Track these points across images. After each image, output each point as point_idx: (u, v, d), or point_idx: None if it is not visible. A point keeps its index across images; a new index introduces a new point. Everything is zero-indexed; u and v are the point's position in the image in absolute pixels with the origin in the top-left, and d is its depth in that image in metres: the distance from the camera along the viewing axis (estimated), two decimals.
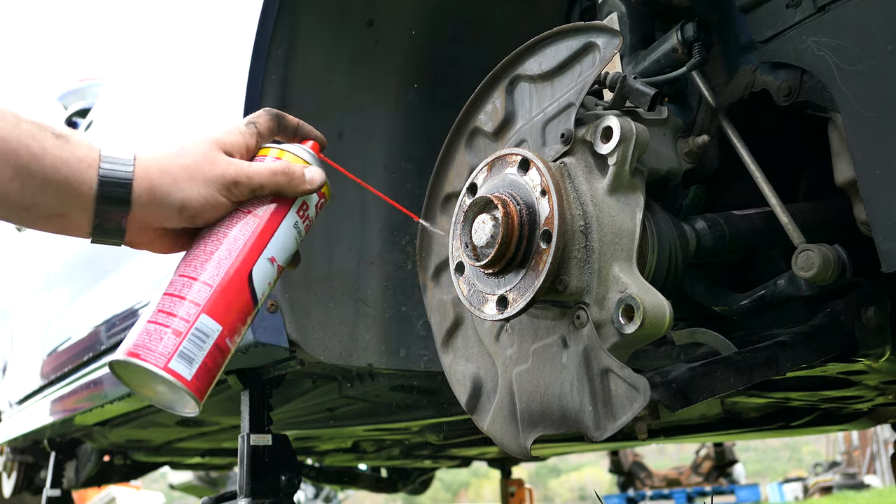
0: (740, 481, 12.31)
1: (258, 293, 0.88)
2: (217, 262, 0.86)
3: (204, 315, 0.83)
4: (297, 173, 0.91)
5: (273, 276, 0.90)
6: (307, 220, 0.95)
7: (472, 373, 1.09)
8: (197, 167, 0.86)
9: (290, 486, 1.64)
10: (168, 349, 0.81)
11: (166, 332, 0.82)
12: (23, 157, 0.79)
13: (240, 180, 0.88)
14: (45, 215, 0.83)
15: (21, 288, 3.40)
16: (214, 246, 0.87)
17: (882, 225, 0.83)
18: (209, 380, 0.84)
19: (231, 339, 0.86)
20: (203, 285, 0.85)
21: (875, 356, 1.08)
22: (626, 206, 0.91)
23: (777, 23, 0.95)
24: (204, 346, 0.83)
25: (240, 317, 0.87)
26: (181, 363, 0.81)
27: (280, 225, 0.91)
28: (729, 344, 1.03)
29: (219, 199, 0.87)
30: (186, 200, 0.85)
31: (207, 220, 0.88)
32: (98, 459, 3.53)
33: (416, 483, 4.61)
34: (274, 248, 0.90)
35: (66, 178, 0.81)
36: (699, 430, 2.42)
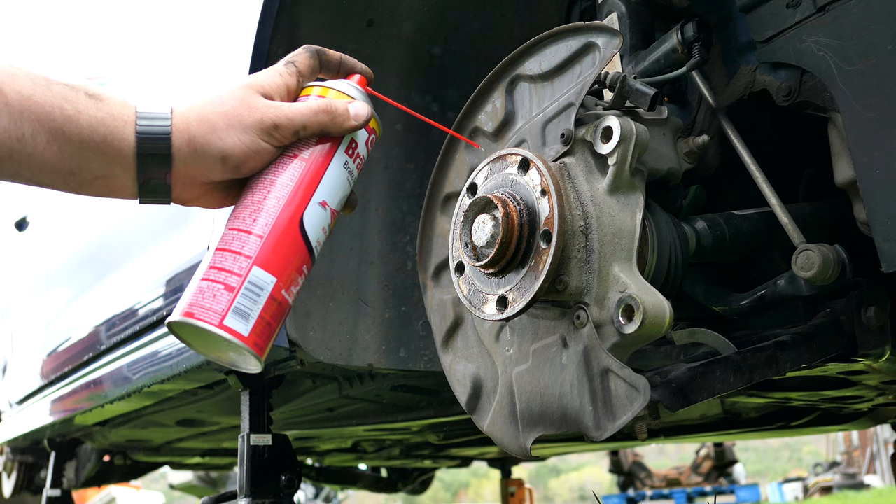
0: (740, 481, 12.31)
1: (312, 240, 0.85)
2: (266, 212, 0.83)
3: (256, 268, 0.80)
4: (341, 109, 0.87)
5: (328, 221, 0.86)
6: (358, 159, 0.90)
7: (472, 373, 1.09)
8: (235, 114, 0.83)
9: (290, 486, 1.65)
10: (222, 306, 0.78)
11: (219, 287, 0.79)
12: (57, 120, 0.77)
13: (280, 123, 0.84)
14: (89, 179, 0.81)
15: (21, 287, 3.40)
16: (262, 195, 0.84)
17: (882, 225, 0.83)
18: (269, 333, 0.81)
19: (288, 291, 0.82)
20: (253, 237, 0.81)
21: (875, 356, 1.08)
22: (626, 206, 0.91)
23: (777, 23, 0.95)
24: (259, 299, 0.80)
25: (294, 266, 0.83)
26: (237, 319, 0.78)
27: (329, 166, 0.87)
28: (729, 344, 1.03)
29: (261, 144, 0.83)
30: (227, 149, 0.82)
31: (253, 168, 0.85)
32: (98, 459, 3.53)
33: (416, 483, 4.61)
34: (325, 191, 0.86)
35: (104, 138, 0.79)
36: (699, 430, 2.42)
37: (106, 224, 2.40)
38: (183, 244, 1.74)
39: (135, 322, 2.00)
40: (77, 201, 2.77)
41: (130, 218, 2.16)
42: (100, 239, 2.46)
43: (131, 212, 2.15)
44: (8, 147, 0.76)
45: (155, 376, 1.84)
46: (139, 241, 2.05)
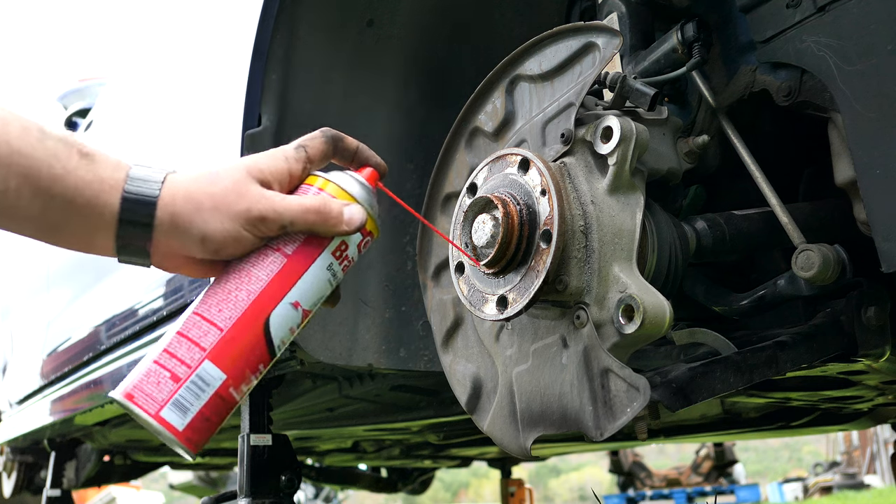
0: (740, 481, 12.31)
1: (275, 341, 0.81)
2: (233, 304, 0.79)
3: (208, 361, 0.77)
4: (335, 212, 0.82)
5: (297, 321, 0.82)
6: (345, 261, 0.85)
7: (472, 373, 1.09)
8: (224, 198, 0.80)
9: (290, 486, 1.64)
10: (163, 396, 0.76)
11: (165, 375, 0.77)
12: (44, 179, 0.76)
13: (267, 216, 0.80)
14: (70, 237, 0.80)
15: (21, 287, 3.40)
16: (235, 285, 0.80)
17: (882, 225, 0.83)
18: (206, 429, 0.78)
19: (237, 389, 0.79)
20: (212, 327, 0.78)
21: (875, 356, 1.08)
22: (626, 206, 0.91)
23: (777, 23, 0.95)
24: (203, 395, 0.77)
25: (249, 365, 0.79)
26: (174, 412, 0.76)
27: (310, 267, 0.82)
28: (729, 344, 1.03)
29: (242, 234, 0.80)
30: (208, 233, 0.79)
31: (232, 254, 0.81)
32: (98, 459, 3.53)
33: (416, 483, 4.61)
34: (300, 292, 0.81)
35: (87, 201, 0.78)
36: (699, 430, 2.42)
37: None
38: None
39: (135, 322, 2.00)
40: None
41: None
42: None
43: None
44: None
45: None
46: None
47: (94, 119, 2.92)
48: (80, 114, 3.64)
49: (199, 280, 1.64)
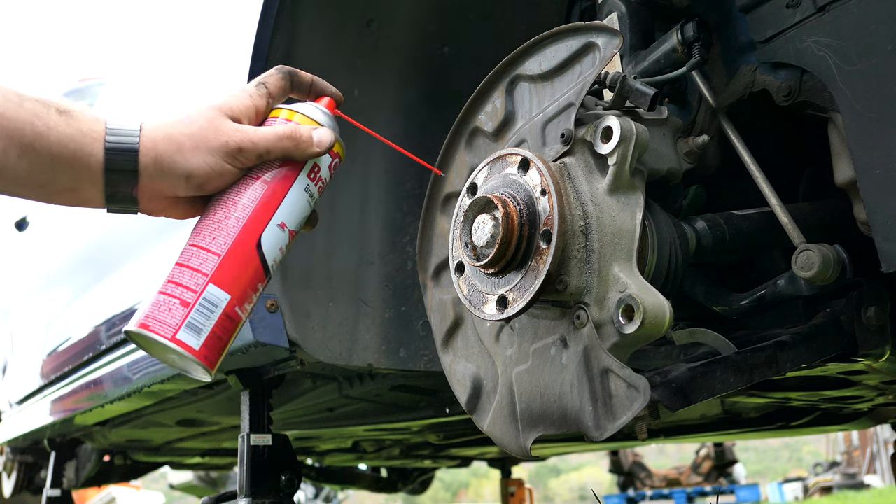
0: (740, 481, 12.31)
1: (268, 260, 0.88)
2: (225, 231, 0.86)
3: (212, 285, 0.84)
4: (305, 136, 0.89)
5: (285, 242, 0.90)
6: (319, 182, 0.93)
7: (472, 373, 1.09)
8: (202, 135, 0.85)
9: (290, 486, 1.64)
10: (176, 320, 0.82)
11: (174, 302, 0.83)
12: (28, 136, 0.79)
13: (245, 147, 0.86)
14: (58, 190, 0.84)
15: (21, 287, 3.40)
16: (223, 214, 0.87)
17: (882, 225, 0.83)
18: (219, 348, 0.85)
19: (241, 307, 0.86)
20: (210, 255, 0.85)
21: (875, 356, 1.08)
22: (626, 206, 0.91)
23: (777, 23, 0.95)
24: (212, 315, 0.83)
25: (249, 284, 0.86)
26: (189, 334, 0.82)
27: (290, 189, 0.89)
28: (729, 344, 1.03)
29: (224, 166, 0.86)
30: (192, 170, 0.85)
31: (216, 187, 0.88)
32: (98, 459, 3.52)
33: (416, 483, 4.61)
34: (284, 214, 0.89)
35: (73, 154, 0.82)
36: (699, 430, 2.42)
37: (106, 224, 2.39)
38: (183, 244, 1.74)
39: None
40: None
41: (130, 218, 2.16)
42: (99, 239, 2.46)
43: None
44: None
45: (155, 376, 1.84)
46: (139, 242, 2.05)
47: None
48: None
49: None
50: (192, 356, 0.82)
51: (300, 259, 1.49)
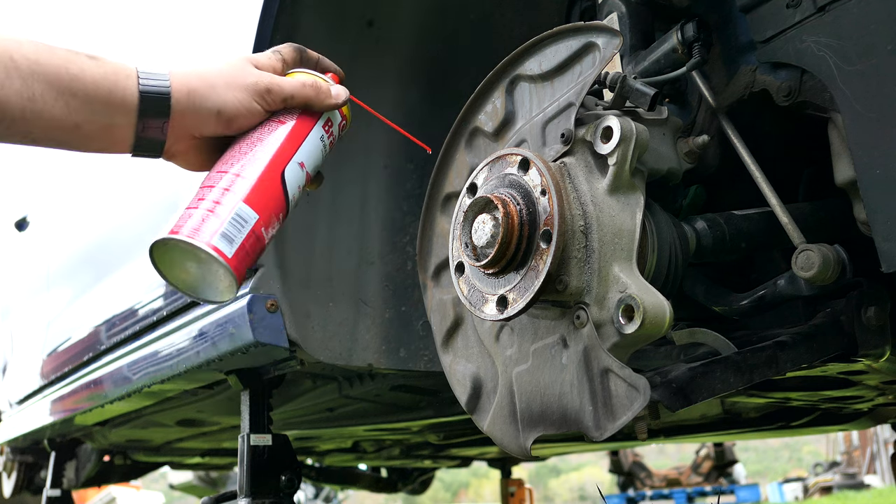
0: (740, 481, 12.31)
1: (290, 193, 0.93)
2: (253, 160, 0.91)
3: (243, 203, 0.88)
4: (324, 88, 0.98)
5: (303, 181, 0.96)
6: (331, 136, 1.00)
7: (472, 373, 1.09)
8: (233, 75, 0.93)
9: (290, 486, 1.64)
10: (212, 228, 0.85)
11: (209, 215, 0.86)
12: (64, 79, 0.84)
13: (272, 88, 0.94)
14: (93, 131, 0.87)
15: (21, 287, 3.40)
16: (249, 147, 0.93)
17: (882, 225, 0.83)
18: (246, 262, 0.88)
19: (266, 230, 0.90)
20: (240, 178, 0.90)
21: (875, 356, 1.08)
22: (626, 206, 0.91)
23: (777, 23, 0.95)
24: (243, 229, 0.87)
25: (274, 210, 0.91)
26: (223, 242, 0.85)
27: (309, 134, 0.97)
28: (729, 344, 1.03)
29: (253, 105, 0.93)
30: (223, 104, 0.91)
31: (242, 126, 0.93)
32: (98, 459, 3.52)
33: (416, 483, 4.61)
34: (303, 154, 0.95)
35: (108, 91, 0.87)
36: (699, 430, 2.42)
37: (106, 224, 2.39)
38: None
39: (135, 322, 2.00)
40: (76, 201, 2.77)
41: (130, 218, 2.17)
42: (100, 239, 2.46)
43: (131, 211, 2.15)
44: (20, 107, 0.82)
45: (155, 376, 1.84)
46: (139, 241, 2.05)
47: None
48: None
49: None
50: (224, 262, 0.85)
51: (300, 259, 1.49)
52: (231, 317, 1.48)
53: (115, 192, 2.35)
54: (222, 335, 1.51)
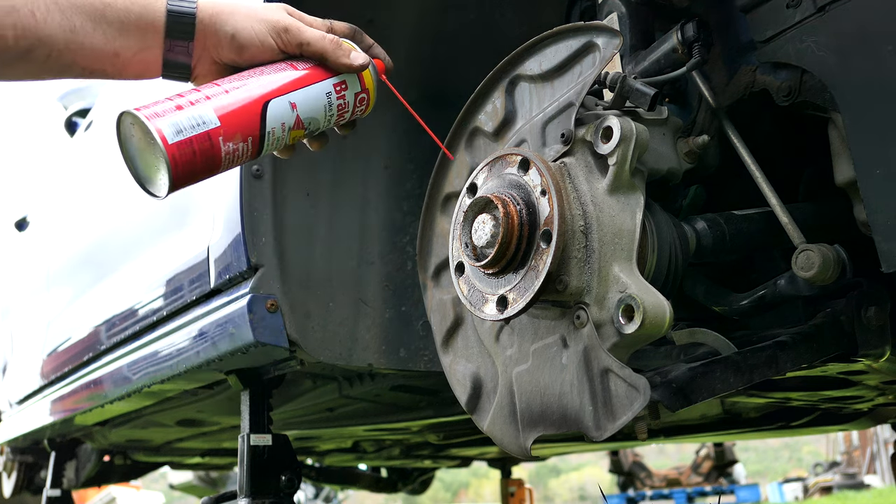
0: (740, 481, 12.31)
1: (267, 124, 0.93)
2: (244, 82, 0.94)
3: (208, 106, 0.90)
4: (345, 48, 0.99)
5: (289, 121, 0.95)
6: (342, 100, 1.00)
7: (472, 373, 1.09)
8: (259, 10, 0.97)
9: (290, 486, 1.64)
10: (167, 116, 0.87)
11: (170, 102, 0.89)
12: (98, 8, 0.90)
13: (291, 29, 0.96)
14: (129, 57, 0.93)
15: (21, 287, 3.40)
16: (250, 74, 0.95)
17: (882, 225, 0.83)
18: (189, 161, 0.88)
19: (224, 142, 0.90)
20: (221, 90, 0.92)
21: (875, 356, 1.08)
22: (626, 206, 0.91)
23: (777, 23, 0.95)
24: (197, 128, 0.88)
25: (241, 129, 0.91)
26: (170, 128, 0.86)
27: (314, 84, 0.97)
28: (729, 344, 1.03)
29: (267, 38, 0.96)
30: (239, 30, 0.95)
31: (254, 56, 0.96)
32: (98, 459, 3.52)
33: (416, 483, 4.60)
34: (299, 97, 0.96)
35: (139, 15, 0.92)
36: (699, 430, 2.42)
37: (105, 224, 2.39)
38: (182, 244, 1.74)
39: (135, 322, 2.00)
40: (76, 201, 2.77)
41: (130, 218, 2.16)
42: (99, 239, 2.46)
43: (131, 212, 2.15)
44: (64, 39, 0.88)
45: (155, 376, 1.84)
46: (139, 242, 2.05)
47: (94, 119, 2.92)
48: (80, 114, 3.63)
49: (198, 280, 1.64)
50: (161, 144, 0.85)
51: (300, 259, 1.49)
52: (231, 317, 1.48)
53: (115, 192, 2.35)
54: (222, 335, 1.51)
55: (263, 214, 1.44)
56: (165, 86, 0.99)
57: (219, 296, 1.57)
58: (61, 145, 3.52)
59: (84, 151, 2.89)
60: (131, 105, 0.89)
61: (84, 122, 3.19)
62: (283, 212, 1.46)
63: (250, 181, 1.44)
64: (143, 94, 2.38)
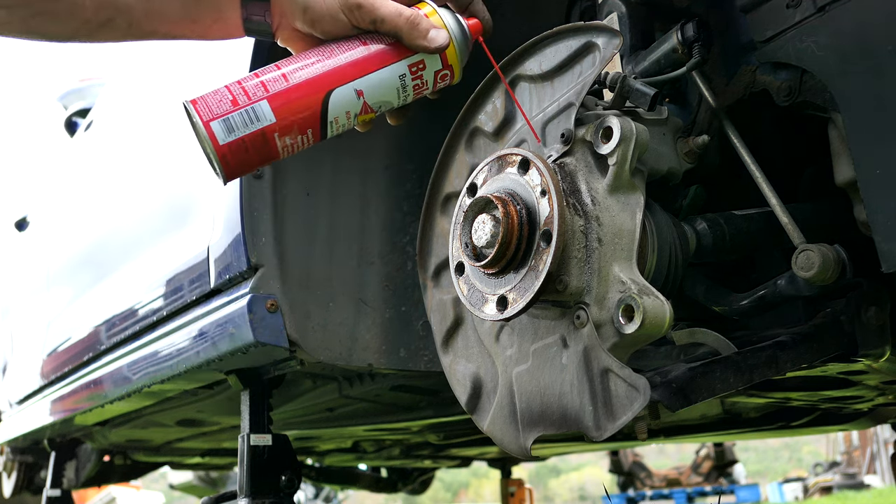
0: (740, 481, 12.31)
1: (329, 114, 0.90)
2: (307, 66, 0.90)
3: (265, 101, 0.87)
4: (422, 26, 0.93)
5: (354, 109, 0.92)
6: (418, 80, 0.95)
7: (472, 373, 1.09)
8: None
9: (290, 486, 1.64)
10: (219, 111, 0.86)
11: (227, 98, 0.87)
12: None
13: (364, 5, 0.91)
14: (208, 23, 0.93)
15: (21, 287, 3.40)
16: (316, 56, 0.91)
17: (882, 225, 0.83)
18: (242, 160, 0.87)
19: (280, 137, 0.88)
20: (283, 79, 0.89)
21: (875, 356, 1.08)
22: (626, 206, 0.91)
23: (777, 23, 0.95)
24: (251, 126, 0.86)
25: (299, 122, 0.89)
26: (221, 128, 0.86)
27: (385, 66, 0.92)
28: (729, 344, 1.03)
29: (339, 14, 0.92)
30: (310, 4, 0.91)
31: (326, 30, 0.93)
32: (98, 459, 3.52)
33: (416, 483, 4.60)
34: (367, 83, 0.91)
35: None
36: (699, 430, 2.42)
37: (105, 224, 2.39)
38: (182, 244, 1.74)
39: (135, 322, 2.00)
40: (76, 201, 2.77)
41: (130, 218, 2.16)
42: (99, 239, 2.46)
43: (131, 212, 2.15)
44: (143, 9, 0.90)
45: (155, 376, 1.84)
46: (139, 242, 2.05)
47: (94, 119, 2.92)
48: (80, 114, 3.63)
49: (198, 280, 1.64)
50: (213, 147, 0.85)
51: (300, 259, 1.49)
52: (231, 317, 1.48)
53: (115, 192, 2.35)
54: (222, 335, 1.51)
55: (263, 214, 1.44)
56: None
57: (219, 296, 1.57)
58: (61, 145, 3.52)
59: (84, 151, 2.89)
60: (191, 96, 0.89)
61: (84, 122, 3.19)
62: (283, 212, 1.46)
63: (250, 181, 1.44)
64: (143, 95, 2.38)
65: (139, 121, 2.36)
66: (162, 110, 2.13)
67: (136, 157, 2.21)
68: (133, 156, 2.25)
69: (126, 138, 2.42)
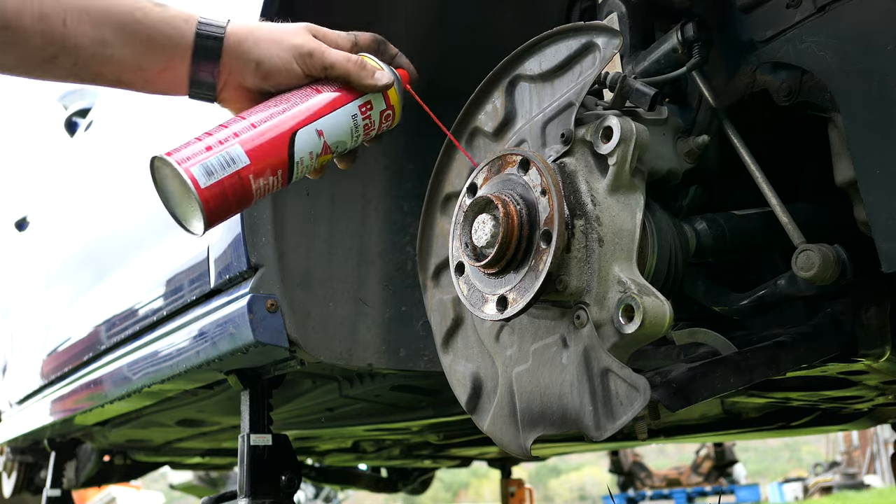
0: (740, 481, 12.31)
1: (295, 154, 0.94)
2: (270, 114, 0.95)
3: (238, 145, 0.91)
4: (368, 68, 1.00)
5: (316, 149, 0.97)
6: (367, 120, 1.01)
7: (472, 373, 1.09)
8: (282, 35, 0.97)
9: (290, 486, 1.64)
10: (197, 158, 0.89)
11: (200, 144, 0.90)
12: (130, 24, 0.92)
13: (315, 53, 0.97)
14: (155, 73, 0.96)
15: (21, 287, 3.40)
16: (275, 103, 0.96)
17: (882, 225, 0.83)
18: (222, 202, 0.90)
19: (255, 179, 0.92)
20: (248, 124, 0.93)
21: (875, 356, 1.08)
22: (626, 206, 0.91)
23: (777, 23, 0.95)
24: (227, 168, 0.89)
25: (270, 164, 0.93)
26: (201, 172, 0.88)
27: (339, 108, 0.98)
28: (729, 344, 1.03)
29: (292, 65, 0.97)
30: (263, 58, 0.96)
31: (279, 83, 0.97)
32: (98, 459, 3.52)
33: (416, 483, 4.60)
34: (325, 124, 0.97)
35: (168, 36, 0.94)
36: (699, 430, 2.42)
37: (105, 224, 2.39)
38: (182, 244, 1.74)
39: (135, 322, 2.00)
40: (76, 201, 2.77)
41: (130, 218, 2.16)
42: (99, 239, 2.46)
43: (131, 212, 2.15)
44: (92, 51, 0.91)
45: (155, 376, 1.84)
46: (139, 242, 2.05)
47: (94, 119, 2.92)
48: (80, 114, 3.63)
49: (198, 280, 1.64)
50: (194, 189, 0.87)
51: (300, 259, 1.49)
52: (231, 317, 1.48)
53: (115, 192, 2.35)
54: (222, 335, 1.51)
55: (263, 214, 1.44)
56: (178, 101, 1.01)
57: (219, 296, 1.57)
58: (61, 145, 3.52)
59: (84, 151, 2.89)
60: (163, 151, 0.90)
61: (84, 122, 3.19)
62: (283, 212, 1.46)
63: None
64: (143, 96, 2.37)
65: (139, 120, 2.36)
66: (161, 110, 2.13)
67: (136, 157, 2.21)
68: (133, 155, 2.25)
69: (126, 138, 2.42)
